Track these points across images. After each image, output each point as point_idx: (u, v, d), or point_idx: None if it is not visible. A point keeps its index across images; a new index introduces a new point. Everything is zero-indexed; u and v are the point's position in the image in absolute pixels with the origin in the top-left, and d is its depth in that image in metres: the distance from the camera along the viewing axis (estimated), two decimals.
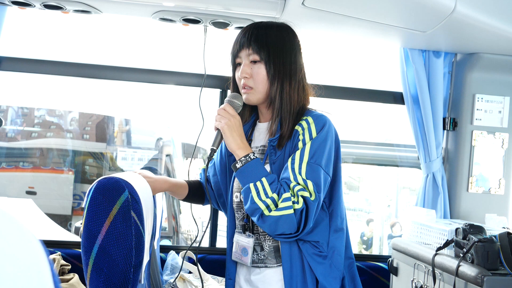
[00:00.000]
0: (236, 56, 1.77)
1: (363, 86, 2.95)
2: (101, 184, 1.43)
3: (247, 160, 1.65)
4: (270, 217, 1.58)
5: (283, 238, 1.64)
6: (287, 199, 1.58)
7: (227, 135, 1.67)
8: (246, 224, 1.81)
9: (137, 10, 2.43)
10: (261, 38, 1.73)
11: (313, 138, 1.66)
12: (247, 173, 1.64)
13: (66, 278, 2.26)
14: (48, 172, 6.33)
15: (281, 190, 1.60)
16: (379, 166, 7.06)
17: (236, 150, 1.67)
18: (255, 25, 1.79)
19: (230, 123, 1.68)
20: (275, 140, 1.71)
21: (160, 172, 6.43)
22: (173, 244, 6.03)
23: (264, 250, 1.77)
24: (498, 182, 2.75)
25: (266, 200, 1.58)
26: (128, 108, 6.74)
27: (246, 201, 1.63)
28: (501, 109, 2.75)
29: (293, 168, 1.63)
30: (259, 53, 1.71)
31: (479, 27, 2.31)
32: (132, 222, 1.42)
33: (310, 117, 1.71)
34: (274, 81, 1.72)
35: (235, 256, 1.84)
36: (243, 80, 1.74)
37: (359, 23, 2.36)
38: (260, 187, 1.60)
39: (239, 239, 1.83)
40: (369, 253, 7.77)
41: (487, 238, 1.92)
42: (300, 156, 1.64)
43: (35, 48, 4.93)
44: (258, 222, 1.62)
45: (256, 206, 1.59)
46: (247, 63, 1.73)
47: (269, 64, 1.71)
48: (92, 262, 1.40)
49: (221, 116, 1.69)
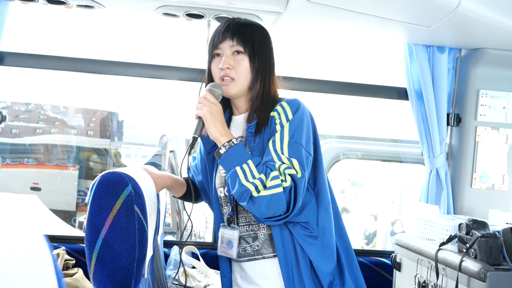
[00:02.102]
0: (216, 47, 1.77)
1: (366, 82, 2.94)
2: (104, 179, 1.43)
3: (230, 145, 1.65)
4: (260, 198, 1.58)
5: (273, 221, 1.64)
6: (276, 177, 1.59)
7: (209, 122, 1.68)
8: (231, 217, 1.81)
9: (141, 5, 2.42)
10: (246, 33, 1.76)
11: (290, 120, 1.68)
12: (232, 157, 1.64)
13: (70, 273, 2.27)
14: (52, 168, 6.34)
15: (267, 171, 1.61)
16: (382, 162, 7.04)
17: (218, 137, 1.67)
18: (238, 20, 1.81)
19: (212, 110, 1.68)
20: (253, 127, 1.73)
21: (164, 168, 6.44)
22: (177, 239, 6.04)
23: (259, 239, 1.77)
24: (502, 178, 2.74)
25: (254, 181, 1.59)
26: (131, 104, 6.75)
27: (233, 185, 1.63)
28: (505, 105, 2.74)
29: (275, 150, 1.65)
30: (244, 45, 1.74)
31: (484, 22, 2.30)
32: (135, 217, 1.42)
33: (284, 102, 1.74)
34: (258, 75, 1.76)
35: (221, 250, 1.85)
36: (225, 71, 1.74)
37: (363, 18, 2.36)
38: (247, 169, 1.61)
39: (224, 233, 1.83)
40: (371, 248, 7.77)
41: (490, 233, 1.92)
42: (280, 137, 1.66)
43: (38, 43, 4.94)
44: (248, 205, 1.62)
45: (245, 188, 1.59)
46: (229, 54, 1.75)
47: (254, 58, 1.75)
48: (95, 257, 1.40)
49: (202, 104, 1.70)
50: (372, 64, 5.39)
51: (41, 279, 0.55)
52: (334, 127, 6.37)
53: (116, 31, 5.68)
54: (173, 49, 4.79)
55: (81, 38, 5.79)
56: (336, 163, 5.06)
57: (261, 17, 2.42)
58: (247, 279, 1.81)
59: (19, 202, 4.90)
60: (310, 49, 4.58)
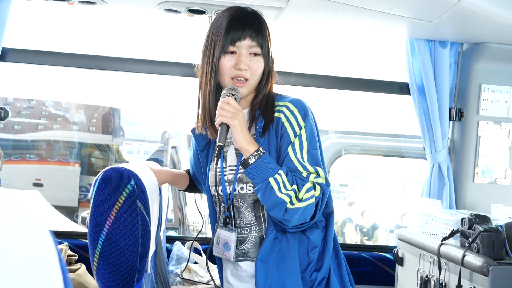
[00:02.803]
0: (233, 44, 1.67)
1: (369, 77, 2.94)
2: (107, 174, 1.44)
3: (259, 154, 1.61)
4: (294, 210, 1.57)
5: (297, 228, 1.65)
6: (310, 189, 1.59)
7: (238, 132, 1.61)
8: (228, 218, 1.78)
9: (142, 1, 2.42)
10: (262, 30, 1.70)
11: (303, 127, 1.67)
12: (263, 168, 1.60)
13: (73, 268, 2.27)
14: (54, 164, 6.35)
15: (298, 182, 1.60)
16: (385, 157, 7.05)
17: (246, 146, 1.62)
18: (250, 13, 1.73)
19: (240, 118, 1.61)
20: (261, 127, 1.70)
21: (166, 164, 6.45)
22: (179, 235, 6.06)
23: (248, 242, 1.76)
24: (504, 173, 2.74)
25: (288, 193, 1.58)
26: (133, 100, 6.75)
27: (267, 196, 1.59)
28: (507, 99, 2.74)
29: (298, 159, 1.63)
30: (262, 46, 1.69)
31: (486, 16, 2.29)
32: (138, 212, 1.43)
33: (288, 103, 1.71)
34: (265, 74, 1.72)
35: (216, 251, 1.83)
36: (242, 72, 1.67)
37: (365, 13, 2.35)
38: (280, 180, 1.59)
39: (221, 233, 1.80)
40: (372, 243, 7.77)
41: (493, 227, 1.92)
42: (300, 145, 1.65)
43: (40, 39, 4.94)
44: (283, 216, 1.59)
45: (280, 200, 1.57)
46: (247, 54, 1.68)
47: (267, 58, 1.71)
48: (98, 252, 1.41)
49: (227, 110, 1.61)
50: (374, 59, 5.38)
51: (47, 273, 0.56)
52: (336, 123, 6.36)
53: (118, 27, 5.68)
54: (175, 45, 4.79)
55: (83, 34, 5.79)
56: (338, 159, 5.07)
57: (263, 12, 2.42)
58: (238, 277, 1.81)
59: (22, 198, 4.91)
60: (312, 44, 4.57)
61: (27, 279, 0.52)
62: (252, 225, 1.75)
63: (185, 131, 7.02)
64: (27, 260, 0.53)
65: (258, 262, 1.68)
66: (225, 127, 1.62)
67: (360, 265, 2.69)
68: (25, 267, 0.52)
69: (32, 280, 0.53)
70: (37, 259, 0.55)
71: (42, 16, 4.48)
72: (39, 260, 0.55)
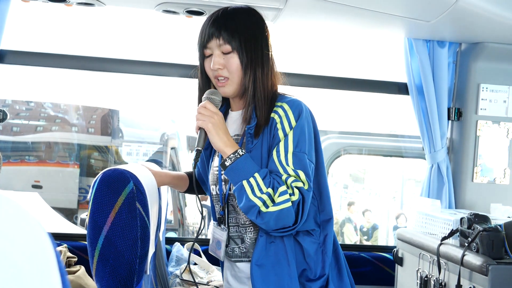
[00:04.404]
0: (205, 47, 1.69)
1: (367, 77, 2.94)
2: (106, 176, 1.44)
3: (236, 157, 1.60)
4: (268, 213, 1.55)
5: (280, 232, 1.61)
6: (284, 192, 1.55)
7: (213, 134, 1.61)
8: (222, 217, 1.78)
9: (140, 2, 2.42)
10: (230, 26, 1.67)
11: (293, 127, 1.63)
12: (238, 170, 1.59)
13: (72, 270, 2.27)
14: (53, 166, 6.35)
15: (275, 184, 1.57)
16: (384, 158, 7.06)
17: (223, 148, 1.61)
18: (222, 12, 1.72)
19: (214, 121, 1.62)
20: (252, 128, 1.67)
21: (165, 165, 6.45)
22: (178, 236, 6.05)
23: (245, 243, 1.75)
24: (503, 172, 2.74)
25: (262, 196, 1.55)
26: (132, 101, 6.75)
27: (240, 199, 1.59)
28: (506, 99, 2.74)
29: (280, 161, 1.60)
30: (230, 42, 1.65)
31: (484, 16, 2.30)
32: (137, 213, 1.43)
33: (284, 103, 1.68)
34: (247, 69, 1.67)
35: (211, 249, 1.83)
36: (217, 71, 1.68)
37: (363, 13, 2.35)
38: (254, 183, 1.56)
39: (215, 232, 1.81)
40: (371, 243, 7.78)
41: (492, 227, 1.92)
42: (285, 147, 1.61)
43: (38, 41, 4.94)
44: (256, 220, 1.58)
45: (252, 203, 1.55)
46: (219, 53, 1.67)
47: (242, 53, 1.66)
48: (98, 253, 1.41)
49: (203, 114, 1.63)
50: (373, 59, 5.39)
51: (45, 275, 0.56)
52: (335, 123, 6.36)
53: (116, 28, 5.68)
54: (174, 46, 4.79)
55: (81, 35, 5.79)
56: (337, 159, 5.07)
57: (261, 13, 2.42)
58: (236, 278, 1.80)
59: (21, 200, 4.91)
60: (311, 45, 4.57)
61: (25, 281, 0.52)
62: (247, 226, 1.74)
63: (184, 132, 7.02)
64: (25, 263, 0.53)
65: (254, 266, 1.66)
66: (203, 131, 1.64)
67: (360, 265, 2.69)
68: (23, 269, 0.52)
69: (30, 283, 0.53)
70: (36, 261, 0.55)
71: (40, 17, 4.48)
72: (37, 262, 0.55)
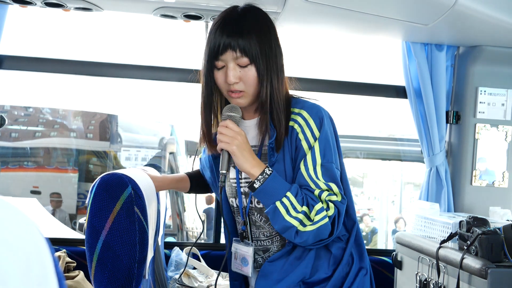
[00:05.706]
0: (217, 59, 1.56)
1: (365, 81, 2.94)
2: (104, 180, 1.43)
3: (264, 177, 1.52)
4: (307, 233, 1.50)
5: (316, 245, 1.57)
6: (321, 210, 1.50)
7: (238, 157, 1.53)
8: (244, 232, 1.71)
9: (138, 7, 2.42)
10: (247, 35, 1.54)
11: (317, 138, 1.56)
12: (269, 191, 1.52)
13: (71, 275, 2.26)
14: (52, 171, 6.35)
15: (309, 201, 1.52)
16: (382, 161, 7.06)
17: (250, 170, 1.53)
18: (233, 15, 1.58)
19: (238, 142, 1.53)
20: (273, 143, 1.58)
21: (164, 170, 6.44)
22: (177, 241, 6.04)
23: (269, 251, 1.71)
24: (502, 175, 2.74)
25: (297, 216, 1.50)
26: (131, 106, 6.75)
27: (275, 221, 1.52)
28: (504, 102, 2.74)
29: (310, 175, 1.54)
30: (248, 53, 1.53)
31: (482, 19, 2.30)
32: (135, 218, 1.42)
33: (303, 110, 1.60)
34: (264, 81, 1.56)
35: (235, 266, 1.75)
36: (233, 85, 1.56)
37: (361, 17, 2.36)
38: (288, 203, 1.50)
39: (238, 248, 1.73)
40: (370, 247, 7.78)
41: (491, 230, 1.92)
42: (313, 160, 1.55)
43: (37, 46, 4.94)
44: (295, 240, 1.53)
45: (289, 224, 1.50)
46: (234, 66, 1.55)
47: (259, 64, 1.55)
48: (96, 258, 1.40)
49: (225, 135, 1.53)
50: (371, 63, 5.40)
51: (42, 281, 0.55)
52: None
53: (114, 33, 5.69)
54: (172, 51, 4.80)
55: (80, 40, 5.80)
56: None
57: None
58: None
59: (19, 205, 4.91)
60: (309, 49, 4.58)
61: (23, 287, 0.52)
62: (273, 236, 1.69)
63: (183, 137, 7.02)
64: (22, 268, 0.53)
65: (260, 277, 1.63)
66: (226, 153, 1.56)
67: None
68: (20, 274, 0.52)
69: None
70: (33, 267, 0.55)
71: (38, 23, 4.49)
72: (35, 268, 0.55)
